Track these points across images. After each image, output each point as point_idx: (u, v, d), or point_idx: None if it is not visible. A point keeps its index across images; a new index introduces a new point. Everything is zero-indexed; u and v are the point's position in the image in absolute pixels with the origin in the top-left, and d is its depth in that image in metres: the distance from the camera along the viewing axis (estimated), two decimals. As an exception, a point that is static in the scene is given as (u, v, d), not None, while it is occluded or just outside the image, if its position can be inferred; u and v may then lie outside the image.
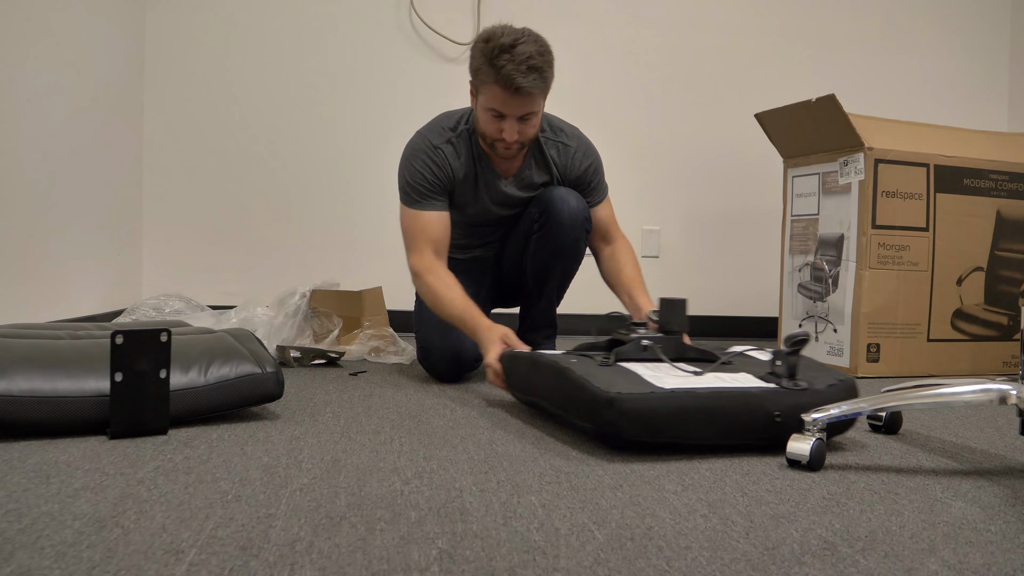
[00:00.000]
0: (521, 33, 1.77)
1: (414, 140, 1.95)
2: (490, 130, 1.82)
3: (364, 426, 1.43)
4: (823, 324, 2.41)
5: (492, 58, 1.74)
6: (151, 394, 1.30)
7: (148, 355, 1.29)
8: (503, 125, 1.80)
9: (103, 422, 1.28)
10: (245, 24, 3.05)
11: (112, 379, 1.27)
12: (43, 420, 1.26)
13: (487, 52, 1.75)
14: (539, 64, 1.75)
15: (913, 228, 2.33)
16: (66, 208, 2.35)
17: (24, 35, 2.10)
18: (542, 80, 1.76)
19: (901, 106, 3.26)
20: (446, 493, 1.04)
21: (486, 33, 1.80)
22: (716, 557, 0.85)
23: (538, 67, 1.74)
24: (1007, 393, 1.24)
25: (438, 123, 1.96)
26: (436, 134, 1.93)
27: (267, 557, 0.81)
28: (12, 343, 1.33)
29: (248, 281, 3.02)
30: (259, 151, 3.08)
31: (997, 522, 1.00)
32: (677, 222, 3.32)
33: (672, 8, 3.28)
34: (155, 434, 1.30)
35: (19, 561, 0.79)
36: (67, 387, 1.27)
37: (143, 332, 1.30)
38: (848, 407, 1.26)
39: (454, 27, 3.13)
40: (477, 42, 1.81)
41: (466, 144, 1.92)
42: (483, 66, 1.76)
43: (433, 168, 1.90)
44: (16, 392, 1.23)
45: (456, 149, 1.92)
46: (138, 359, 1.29)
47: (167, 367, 1.31)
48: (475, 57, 1.80)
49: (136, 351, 1.28)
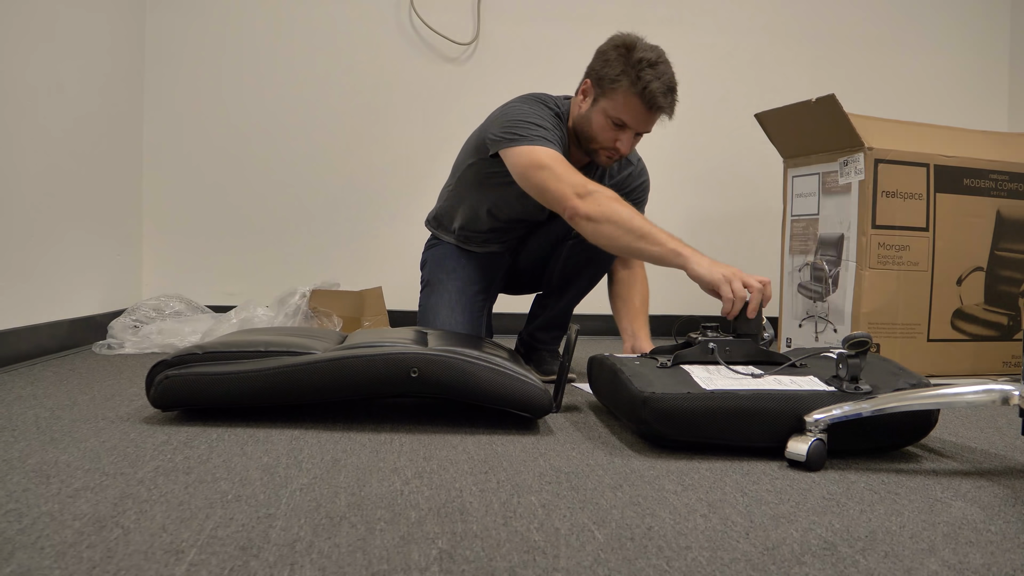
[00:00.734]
0: (662, 52, 1.76)
1: (530, 97, 1.84)
2: (605, 137, 1.79)
3: (364, 426, 1.43)
4: (823, 324, 2.41)
5: (636, 70, 1.71)
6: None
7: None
8: (621, 136, 1.77)
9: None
10: (245, 24, 3.05)
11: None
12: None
13: (631, 62, 1.72)
14: (675, 87, 1.75)
15: (913, 228, 2.33)
16: (66, 208, 2.36)
17: (24, 35, 2.10)
18: (674, 103, 1.76)
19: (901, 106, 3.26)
20: (446, 493, 1.04)
21: (624, 41, 1.76)
22: (716, 557, 0.85)
23: (675, 90, 1.75)
24: (1009, 394, 1.24)
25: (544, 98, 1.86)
26: (555, 102, 1.86)
27: (267, 557, 0.81)
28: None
29: (248, 281, 3.02)
30: (259, 151, 3.08)
31: (997, 522, 1.00)
32: (677, 222, 3.32)
33: (672, 8, 3.28)
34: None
35: (19, 561, 0.79)
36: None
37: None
38: (850, 407, 1.26)
39: (454, 27, 3.13)
40: (614, 47, 1.76)
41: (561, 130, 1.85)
42: (621, 76, 1.73)
43: (556, 124, 1.81)
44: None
45: (559, 128, 1.83)
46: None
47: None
48: (611, 63, 1.75)
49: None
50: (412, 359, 1.40)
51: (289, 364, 1.41)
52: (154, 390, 1.42)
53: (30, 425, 1.37)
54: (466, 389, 1.42)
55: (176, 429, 1.36)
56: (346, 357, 1.41)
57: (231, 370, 1.41)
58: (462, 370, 1.41)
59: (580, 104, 1.84)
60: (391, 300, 2.90)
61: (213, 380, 1.41)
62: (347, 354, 1.42)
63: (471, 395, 1.42)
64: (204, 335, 2.33)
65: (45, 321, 2.22)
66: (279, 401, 1.42)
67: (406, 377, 1.40)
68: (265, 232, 3.09)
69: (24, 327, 2.10)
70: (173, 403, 1.43)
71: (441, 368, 1.41)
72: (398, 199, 3.11)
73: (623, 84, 1.73)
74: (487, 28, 3.14)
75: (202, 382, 1.41)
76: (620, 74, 1.73)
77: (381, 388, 1.41)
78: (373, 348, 1.43)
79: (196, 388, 1.41)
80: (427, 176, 3.03)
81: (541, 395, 1.44)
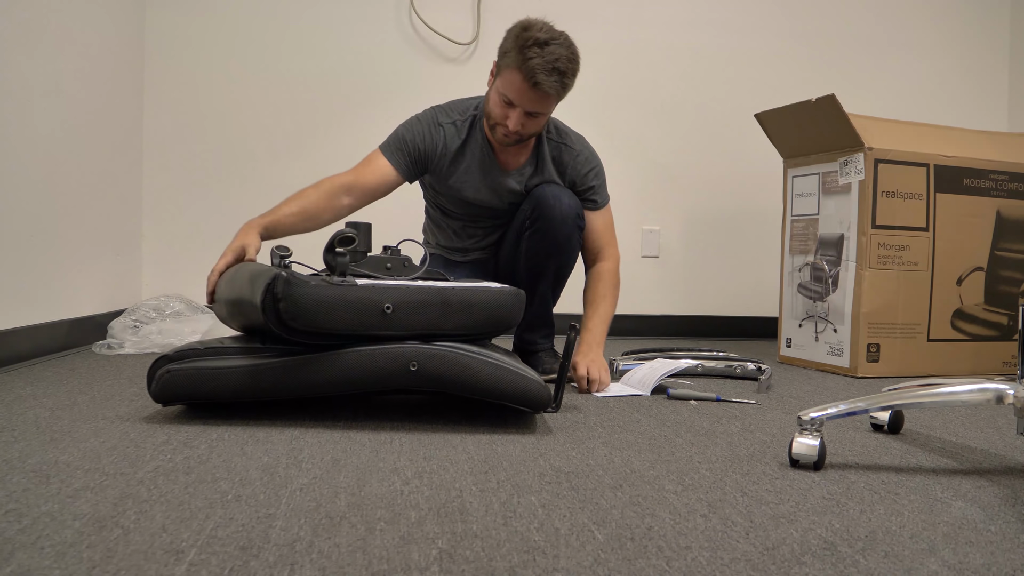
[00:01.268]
0: (558, 35, 1.80)
1: (425, 111, 1.99)
2: (496, 113, 1.85)
3: (364, 426, 1.43)
4: (823, 324, 2.41)
5: (523, 47, 1.76)
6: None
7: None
8: (510, 113, 1.82)
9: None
10: (245, 24, 3.05)
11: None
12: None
13: (520, 40, 1.78)
14: (564, 68, 1.78)
15: (913, 228, 2.33)
16: (66, 208, 2.36)
17: (24, 35, 2.10)
18: (561, 85, 1.79)
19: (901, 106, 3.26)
20: (446, 493, 1.04)
21: (526, 22, 1.82)
22: (716, 557, 0.85)
23: (562, 71, 1.77)
24: (1004, 392, 1.24)
25: (454, 105, 1.99)
26: (445, 113, 1.96)
27: (267, 557, 0.81)
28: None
29: (248, 281, 3.02)
30: (259, 151, 3.07)
31: (997, 522, 1.00)
32: (677, 222, 3.32)
33: (672, 8, 3.28)
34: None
35: (19, 561, 0.79)
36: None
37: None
38: (846, 406, 1.27)
39: (454, 27, 3.13)
40: (514, 27, 1.83)
41: (473, 129, 1.95)
42: (512, 51, 1.78)
43: (423, 139, 1.93)
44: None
45: (459, 131, 1.95)
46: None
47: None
48: (507, 40, 1.82)
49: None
50: (411, 353, 1.40)
51: (289, 359, 1.41)
52: (155, 384, 1.42)
53: (30, 425, 1.37)
54: (465, 383, 1.42)
55: (176, 429, 1.36)
56: (346, 351, 1.42)
57: (231, 364, 1.42)
58: (461, 364, 1.41)
59: (489, 84, 1.91)
60: (391, 300, 2.90)
61: (213, 374, 1.41)
62: (347, 348, 1.42)
63: (470, 389, 1.42)
64: (204, 335, 2.33)
65: (45, 321, 2.22)
66: (279, 395, 1.42)
67: (405, 371, 1.40)
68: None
69: (24, 327, 2.10)
70: (174, 397, 1.43)
71: (440, 362, 1.41)
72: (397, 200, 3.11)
73: (513, 61, 1.78)
74: (487, 28, 3.14)
75: (203, 376, 1.41)
76: (510, 50, 1.79)
77: (380, 382, 1.41)
78: (373, 342, 1.43)
79: (197, 382, 1.41)
80: (427, 176, 3.04)
81: (539, 389, 1.44)
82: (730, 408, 1.72)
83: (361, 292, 1.40)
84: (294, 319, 1.36)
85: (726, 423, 1.56)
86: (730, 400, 1.80)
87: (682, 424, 1.54)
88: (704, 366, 2.14)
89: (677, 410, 1.68)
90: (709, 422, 1.57)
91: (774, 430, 1.51)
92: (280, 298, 1.35)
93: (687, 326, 3.32)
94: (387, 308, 1.40)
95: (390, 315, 1.40)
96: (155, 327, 2.42)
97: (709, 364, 2.15)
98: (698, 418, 1.61)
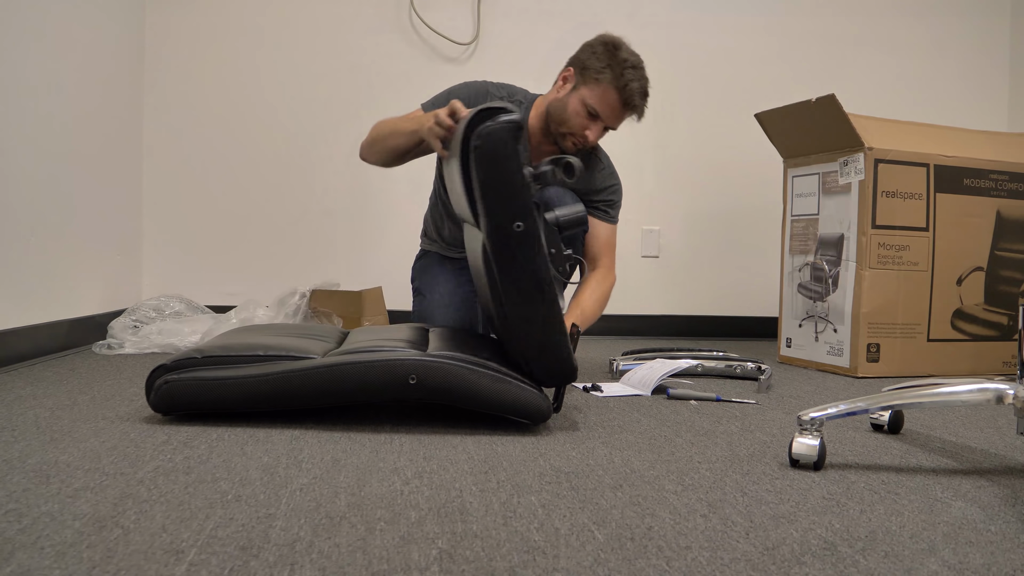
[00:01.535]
0: (641, 60, 1.90)
1: (476, 81, 2.01)
2: (577, 123, 1.88)
3: (364, 426, 1.43)
4: (823, 324, 2.41)
5: (620, 67, 1.84)
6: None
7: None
8: (592, 126, 1.88)
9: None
10: (245, 24, 3.05)
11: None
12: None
13: (616, 60, 1.85)
14: (648, 94, 1.90)
15: (913, 228, 2.33)
16: (66, 208, 2.36)
17: (24, 35, 2.10)
18: (646, 108, 1.91)
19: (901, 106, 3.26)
20: (446, 493, 1.04)
21: (612, 40, 1.89)
22: (716, 557, 0.85)
23: (648, 95, 1.90)
24: (1004, 392, 1.24)
25: (505, 87, 2.02)
26: (497, 88, 1.99)
27: (267, 557, 0.81)
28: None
29: (248, 281, 3.02)
30: (259, 151, 3.08)
31: (997, 522, 1.00)
32: (677, 222, 3.32)
33: (672, 8, 3.28)
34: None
35: (19, 561, 0.79)
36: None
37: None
38: (846, 406, 1.27)
39: (454, 27, 3.13)
40: (602, 44, 1.88)
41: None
42: (606, 69, 1.85)
43: (470, 102, 1.88)
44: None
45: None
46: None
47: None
48: (597, 55, 1.87)
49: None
50: (411, 366, 1.40)
51: (287, 370, 1.41)
52: (154, 395, 1.42)
53: (30, 425, 1.37)
54: (464, 395, 1.41)
55: (176, 429, 1.36)
56: (344, 364, 1.41)
57: (230, 375, 1.41)
58: (461, 377, 1.41)
59: (558, 89, 1.94)
60: (391, 300, 2.90)
61: (212, 385, 1.41)
62: (345, 360, 1.42)
63: (469, 401, 1.42)
64: (204, 335, 2.33)
65: (45, 321, 2.22)
66: (278, 406, 1.42)
67: (404, 383, 1.40)
68: (265, 232, 3.09)
69: (24, 327, 2.10)
70: (173, 408, 1.43)
71: (440, 375, 1.40)
72: (398, 199, 3.11)
73: (606, 77, 1.85)
74: (487, 28, 3.14)
75: (201, 388, 1.41)
76: (605, 67, 1.85)
77: (379, 394, 1.41)
78: (372, 353, 1.43)
79: (195, 393, 1.41)
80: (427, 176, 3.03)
81: (539, 401, 1.44)
82: (730, 408, 1.72)
83: None
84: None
85: (726, 423, 1.56)
86: (730, 400, 1.80)
87: (682, 424, 1.54)
88: (704, 366, 2.14)
89: (677, 410, 1.68)
90: (709, 422, 1.57)
91: (774, 430, 1.51)
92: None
93: (687, 326, 3.32)
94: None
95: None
96: (155, 327, 2.42)
97: (709, 364, 2.15)
98: (698, 418, 1.61)
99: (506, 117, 1.34)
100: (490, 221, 1.35)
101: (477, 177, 1.35)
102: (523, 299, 1.39)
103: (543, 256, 1.38)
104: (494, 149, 1.33)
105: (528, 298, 1.38)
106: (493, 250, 1.36)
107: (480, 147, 1.33)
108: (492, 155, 1.33)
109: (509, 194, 1.34)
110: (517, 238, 1.35)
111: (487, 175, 1.34)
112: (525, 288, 1.38)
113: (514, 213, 1.34)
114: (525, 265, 1.36)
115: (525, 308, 1.39)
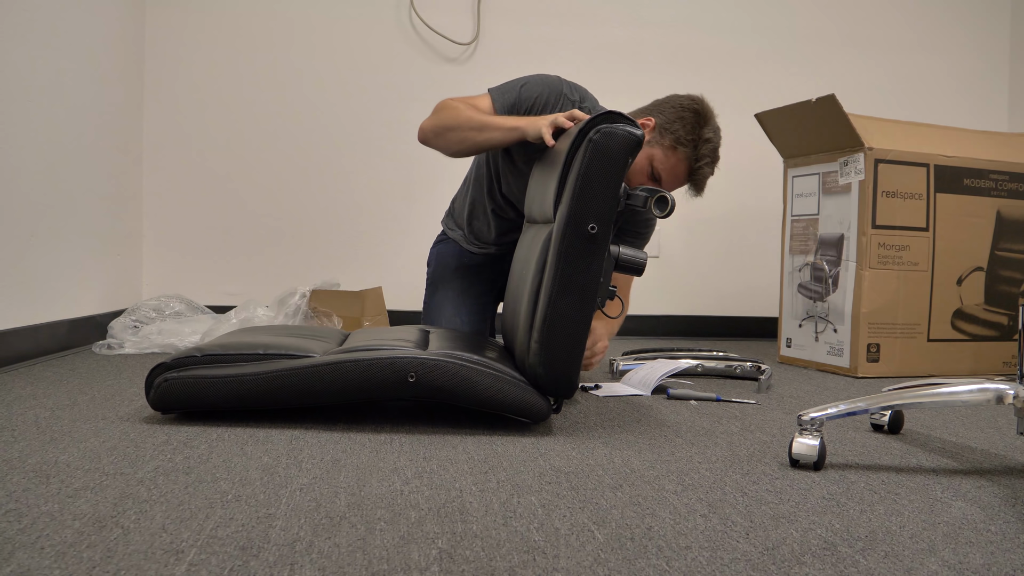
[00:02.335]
0: (720, 137, 1.80)
1: (551, 76, 1.89)
2: (636, 180, 1.79)
3: (364, 426, 1.43)
4: (823, 324, 2.41)
5: (699, 144, 1.75)
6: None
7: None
8: (647, 185, 1.76)
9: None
10: (245, 24, 3.05)
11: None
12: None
13: (700, 136, 1.75)
14: (714, 174, 1.81)
15: (913, 228, 2.33)
16: (66, 208, 2.35)
17: (24, 35, 2.10)
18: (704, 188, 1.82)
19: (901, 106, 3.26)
20: (446, 493, 1.04)
21: (703, 110, 1.77)
22: (716, 557, 0.85)
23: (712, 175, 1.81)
24: (1004, 392, 1.24)
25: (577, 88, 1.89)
26: (571, 90, 1.87)
27: (267, 557, 0.81)
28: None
29: (248, 281, 3.02)
30: (259, 151, 3.08)
31: (997, 522, 1.00)
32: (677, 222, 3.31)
33: (672, 8, 3.28)
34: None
35: (19, 561, 0.79)
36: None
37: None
38: (846, 406, 1.27)
39: (454, 27, 3.13)
40: (692, 112, 1.76)
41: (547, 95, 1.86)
42: (686, 140, 1.75)
43: (541, 103, 1.83)
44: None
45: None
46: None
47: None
48: (685, 123, 1.76)
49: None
50: (410, 364, 1.40)
51: (287, 368, 1.41)
52: (153, 393, 1.42)
53: (30, 425, 1.37)
54: (464, 394, 1.41)
55: (176, 429, 1.36)
56: (344, 362, 1.41)
57: (230, 373, 1.41)
58: (460, 375, 1.41)
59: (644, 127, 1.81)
60: (391, 300, 2.90)
61: (212, 383, 1.41)
62: (345, 358, 1.42)
63: (469, 400, 1.42)
64: (204, 335, 2.33)
65: (45, 321, 2.22)
66: (277, 404, 1.42)
67: (404, 382, 1.40)
68: (265, 232, 3.09)
69: (24, 327, 2.10)
70: (172, 406, 1.43)
71: (439, 373, 1.40)
72: (398, 199, 3.11)
73: (684, 150, 1.75)
74: (487, 28, 3.14)
75: (201, 385, 1.41)
76: (684, 138, 1.75)
77: (379, 392, 1.41)
78: (371, 352, 1.43)
79: (195, 391, 1.41)
80: (426, 176, 3.04)
81: (538, 400, 1.44)
82: (730, 408, 1.72)
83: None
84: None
85: (726, 423, 1.56)
86: (730, 400, 1.80)
87: (682, 424, 1.54)
88: (704, 366, 2.14)
89: (677, 410, 1.68)
90: (709, 422, 1.57)
91: (774, 430, 1.51)
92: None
93: (687, 326, 3.32)
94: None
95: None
96: (155, 327, 2.42)
97: (709, 364, 2.15)
98: (698, 418, 1.61)
99: (631, 128, 1.38)
100: (570, 213, 1.38)
101: (580, 167, 1.38)
102: (570, 296, 1.40)
103: (599, 267, 1.40)
104: (609, 148, 1.37)
105: (573, 298, 1.40)
106: (559, 240, 1.39)
107: (598, 142, 1.37)
108: (605, 153, 1.37)
109: (601, 195, 1.37)
110: (587, 237, 1.37)
111: (590, 169, 1.37)
112: (574, 285, 1.39)
113: (596, 214, 1.37)
114: (581, 264, 1.38)
115: (569, 305, 1.40)
